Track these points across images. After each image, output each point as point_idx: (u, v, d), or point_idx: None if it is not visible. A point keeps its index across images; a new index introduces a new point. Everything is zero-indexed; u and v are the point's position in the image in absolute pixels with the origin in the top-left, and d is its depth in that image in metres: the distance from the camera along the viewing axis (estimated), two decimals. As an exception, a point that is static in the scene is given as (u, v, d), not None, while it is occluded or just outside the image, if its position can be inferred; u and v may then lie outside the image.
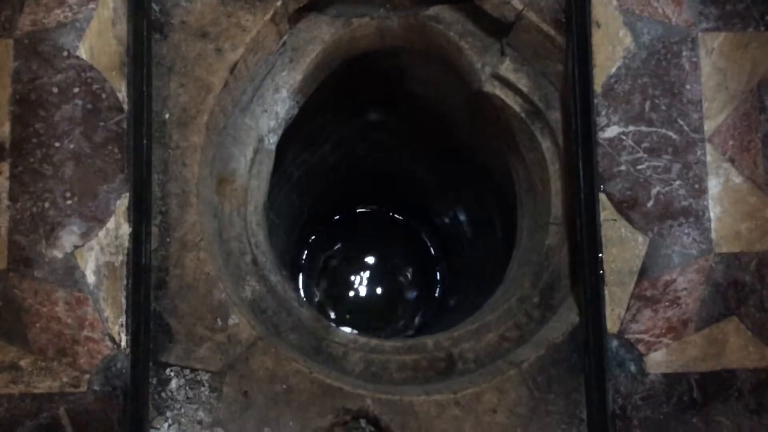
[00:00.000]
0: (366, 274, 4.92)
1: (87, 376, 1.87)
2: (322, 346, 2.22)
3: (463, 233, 4.50)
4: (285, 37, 2.29)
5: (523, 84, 2.34)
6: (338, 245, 4.95)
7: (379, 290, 4.92)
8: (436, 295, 4.93)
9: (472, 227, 4.28)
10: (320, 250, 4.91)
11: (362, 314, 4.72)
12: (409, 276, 5.00)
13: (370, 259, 4.96)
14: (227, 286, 2.06)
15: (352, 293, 4.88)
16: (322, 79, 2.62)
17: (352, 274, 4.90)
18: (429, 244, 5.06)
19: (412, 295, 4.96)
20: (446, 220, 4.66)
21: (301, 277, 4.74)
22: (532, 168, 2.52)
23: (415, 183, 4.54)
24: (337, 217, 4.96)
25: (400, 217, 5.07)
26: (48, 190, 1.91)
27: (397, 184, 4.70)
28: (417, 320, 4.79)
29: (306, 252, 4.84)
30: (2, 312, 1.87)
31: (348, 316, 4.67)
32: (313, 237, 4.90)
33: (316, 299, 4.72)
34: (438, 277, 5.02)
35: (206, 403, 1.98)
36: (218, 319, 2.01)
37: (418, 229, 5.06)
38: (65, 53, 1.95)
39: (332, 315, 4.63)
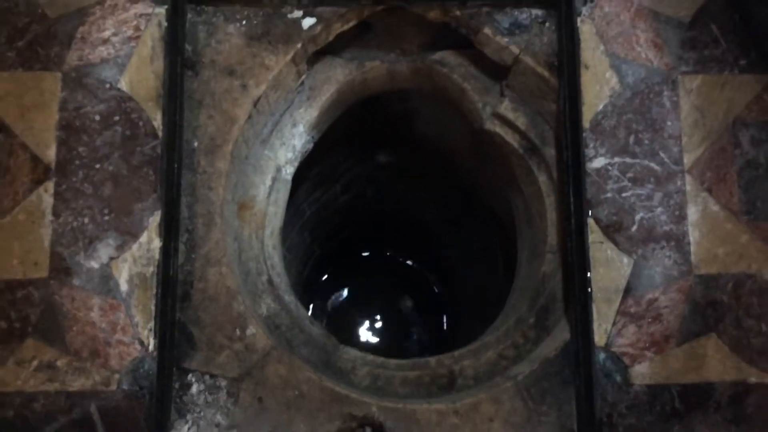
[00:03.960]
0: (373, 314, 4.95)
1: (117, 376, 2.00)
2: (332, 361, 2.33)
3: (468, 270, 4.56)
4: (303, 77, 2.44)
5: (521, 122, 2.46)
6: (346, 285, 4.99)
7: (386, 330, 4.95)
8: (443, 331, 4.97)
9: (477, 264, 4.34)
10: (329, 290, 4.97)
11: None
12: (415, 315, 5.03)
13: (377, 299, 4.98)
14: (245, 299, 2.19)
15: (359, 333, 4.91)
16: (336, 117, 2.75)
17: (359, 314, 4.93)
18: (434, 285, 5.10)
19: (419, 333, 4.99)
20: (452, 258, 4.73)
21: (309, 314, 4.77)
22: (530, 201, 2.63)
23: (421, 222, 4.61)
24: (346, 257, 5.01)
25: (408, 261, 5.13)
26: (88, 207, 2.07)
27: (404, 224, 4.78)
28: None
29: (315, 291, 4.89)
30: (43, 316, 2.01)
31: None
32: (323, 277, 4.96)
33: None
34: (444, 316, 5.07)
35: (224, 407, 2.09)
36: (237, 330, 2.12)
37: (423, 270, 5.12)
38: (107, 85, 2.12)
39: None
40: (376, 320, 4.99)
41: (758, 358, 2.09)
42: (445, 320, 5.08)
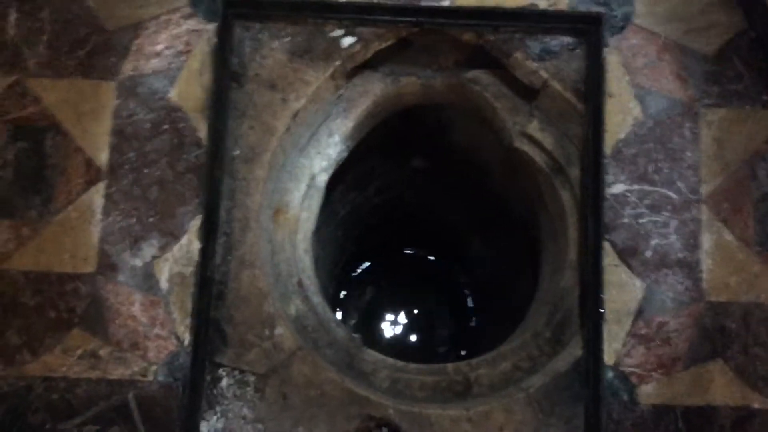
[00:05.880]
0: (402, 318, 4.93)
1: (154, 368, 2.13)
2: (354, 363, 2.41)
3: (499, 281, 4.54)
4: (341, 90, 2.53)
5: (548, 142, 2.51)
6: (376, 287, 4.97)
7: (414, 335, 4.93)
8: (471, 333, 5.01)
9: (507, 275, 4.32)
10: (359, 291, 4.96)
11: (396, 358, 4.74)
12: (445, 322, 5.02)
13: (407, 303, 4.97)
14: (275, 301, 2.29)
15: (387, 335, 4.90)
16: (372, 127, 2.81)
17: (388, 317, 4.90)
18: (467, 293, 5.10)
19: (447, 342, 4.99)
20: (483, 264, 4.73)
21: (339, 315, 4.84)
22: (554, 217, 2.66)
23: (454, 227, 4.61)
24: (378, 258, 5.00)
25: (439, 262, 5.14)
26: (135, 209, 2.19)
27: (437, 231, 4.78)
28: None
29: (345, 292, 4.91)
30: (89, 308, 2.14)
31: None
32: (353, 275, 4.95)
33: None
34: (474, 323, 5.09)
35: (250, 401, 2.19)
36: (266, 329, 2.22)
37: (455, 276, 5.09)
38: (158, 96, 2.24)
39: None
40: (407, 317, 5.02)
41: (763, 385, 2.15)
42: (474, 322, 5.11)
